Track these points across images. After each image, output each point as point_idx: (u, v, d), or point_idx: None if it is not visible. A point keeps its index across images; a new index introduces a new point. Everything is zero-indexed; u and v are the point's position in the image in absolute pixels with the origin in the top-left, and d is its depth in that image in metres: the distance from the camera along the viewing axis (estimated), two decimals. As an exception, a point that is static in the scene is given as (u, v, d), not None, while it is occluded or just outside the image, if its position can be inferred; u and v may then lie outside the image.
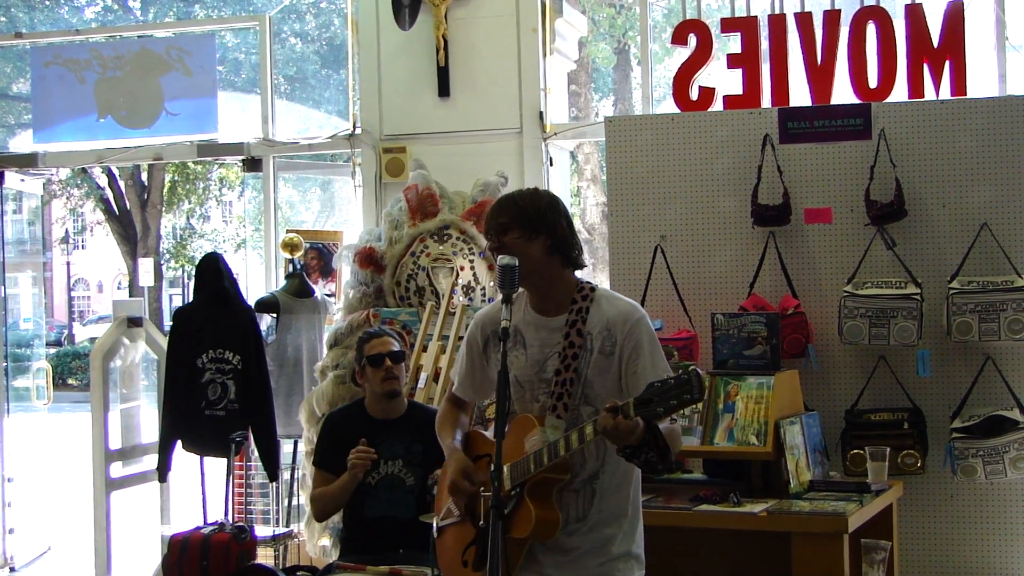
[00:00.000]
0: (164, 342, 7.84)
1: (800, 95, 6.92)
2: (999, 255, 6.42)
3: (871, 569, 5.33)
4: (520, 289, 3.97)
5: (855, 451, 6.28)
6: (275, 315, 8.04)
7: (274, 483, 7.79)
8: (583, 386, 3.93)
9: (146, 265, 24.32)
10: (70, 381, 26.38)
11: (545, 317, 3.99)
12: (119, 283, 39.56)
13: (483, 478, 3.94)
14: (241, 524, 6.88)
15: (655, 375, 3.84)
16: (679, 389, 3.55)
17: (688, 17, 7.32)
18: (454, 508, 4.11)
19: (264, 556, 7.15)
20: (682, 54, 7.17)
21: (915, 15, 6.77)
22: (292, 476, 8.01)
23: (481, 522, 3.88)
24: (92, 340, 25.69)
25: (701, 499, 5.54)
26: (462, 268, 7.46)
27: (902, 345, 6.32)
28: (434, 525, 4.25)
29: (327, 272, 8.71)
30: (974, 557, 6.57)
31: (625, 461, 3.82)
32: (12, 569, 9.26)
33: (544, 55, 8.24)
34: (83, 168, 23.99)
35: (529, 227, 3.95)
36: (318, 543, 7.48)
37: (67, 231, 36.67)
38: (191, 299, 7.64)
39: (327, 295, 8.48)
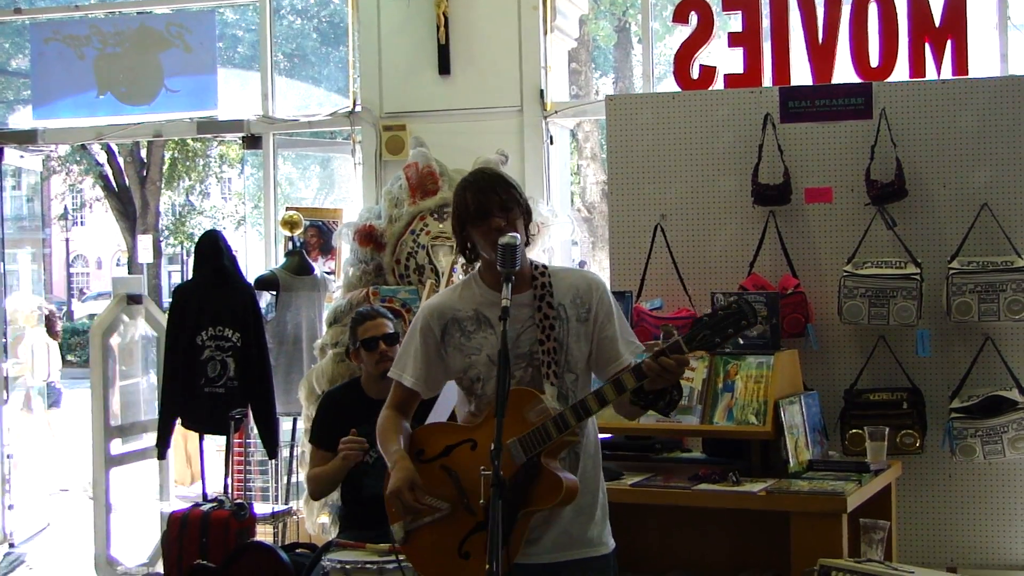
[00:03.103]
0: (164, 319, 7.85)
1: (801, 74, 6.91)
2: (999, 235, 6.42)
3: (869, 548, 5.33)
4: (471, 272, 4.10)
5: (854, 431, 6.29)
6: (275, 293, 8.04)
7: (273, 460, 7.80)
8: (566, 354, 3.99)
9: (145, 242, 24.32)
10: (69, 358, 26.38)
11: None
12: (118, 260, 39.55)
13: (426, 501, 3.95)
14: (240, 501, 6.90)
15: (624, 340, 4.04)
16: (735, 317, 3.71)
17: (689, -5, 7.30)
18: (437, 503, 4.01)
19: (263, 533, 7.18)
20: (683, 32, 7.15)
21: (917, -6, 6.75)
22: (291, 454, 8.02)
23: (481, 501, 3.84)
24: (91, 317, 25.69)
25: (700, 478, 5.54)
26: (462, 246, 7.45)
27: (902, 325, 6.32)
28: (397, 531, 4.09)
29: (327, 250, 8.71)
30: (972, 537, 6.59)
31: (595, 428, 4.06)
32: (11, 545, 9.27)
33: (545, 33, 8.22)
34: (82, 145, 24.01)
35: (522, 206, 4.02)
36: (317, 520, 7.50)
37: (66, 207, 36.65)
38: (190, 276, 7.65)
39: (327, 273, 8.48)
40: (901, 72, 6.76)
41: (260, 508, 7.35)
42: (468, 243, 4.06)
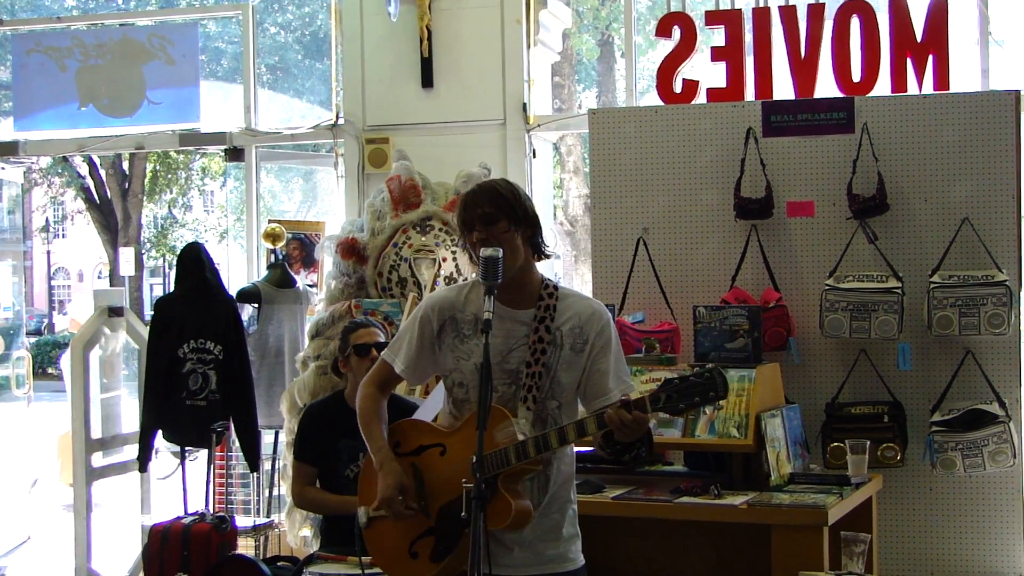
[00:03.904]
0: (145, 332, 7.82)
1: (784, 88, 6.93)
2: (980, 250, 6.44)
3: (850, 561, 5.34)
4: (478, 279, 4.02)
5: (835, 444, 6.30)
6: (257, 305, 8.03)
7: (255, 473, 7.78)
8: (551, 380, 3.96)
9: (127, 255, 24.22)
10: (50, 370, 26.29)
11: (512, 309, 3.99)
12: (100, 272, 39.43)
13: (415, 507, 3.97)
14: (222, 514, 6.89)
15: (616, 376, 3.98)
16: (704, 386, 3.65)
17: (672, 10, 7.34)
18: (419, 511, 4.07)
19: (245, 546, 7.15)
20: (666, 47, 7.17)
21: (899, 9, 6.78)
22: (273, 466, 8.01)
23: (463, 514, 3.84)
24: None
25: (682, 491, 5.54)
26: (444, 259, 7.46)
27: (883, 339, 6.34)
28: (361, 515, 4.14)
29: (309, 262, 8.70)
30: (953, 549, 6.60)
31: (571, 447, 4.01)
32: (-8, 558, 9.25)
33: (528, 46, 8.23)
34: (64, 157, 23.94)
35: (515, 218, 3.97)
36: (299, 533, 7.47)
37: (47, 220, 36.55)
38: (172, 289, 7.62)
39: (309, 286, 8.47)
40: (883, 87, 6.79)
41: (242, 521, 7.33)
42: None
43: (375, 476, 4.14)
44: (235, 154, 9.01)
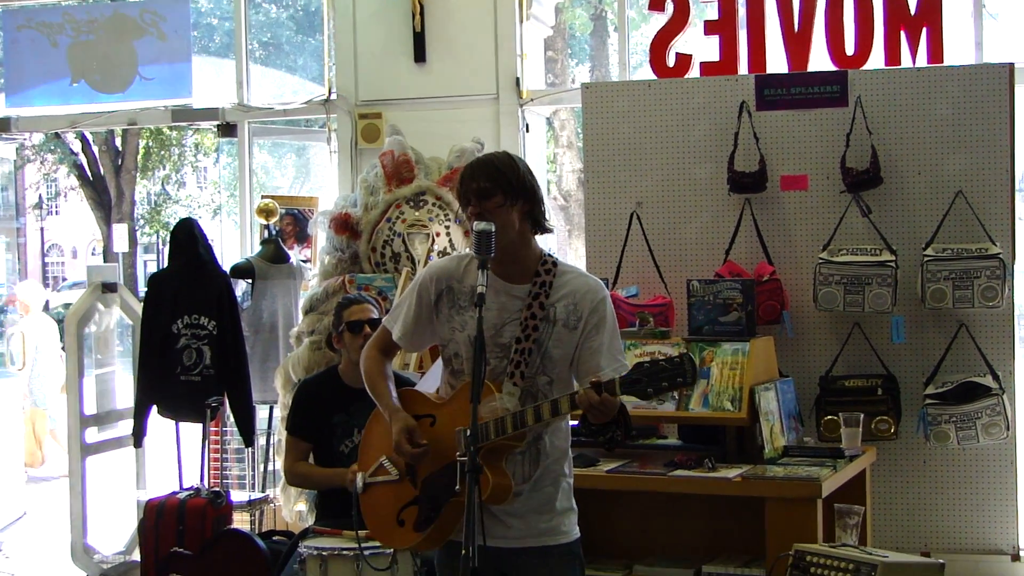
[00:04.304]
0: (139, 308, 7.82)
1: (777, 62, 6.93)
2: (974, 223, 6.45)
3: (844, 534, 5.35)
4: None
5: (829, 417, 6.32)
6: (250, 281, 8.02)
7: (250, 448, 7.79)
8: (542, 356, 3.95)
9: (120, 231, 24.15)
10: (44, 347, 26.24)
11: (507, 283, 3.99)
12: (93, 249, 39.34)
13: (426, 445, 3.96)
14: (217, 489, 6.89)
15: (610, 354, 3.94)
16: (672, 372, 3.61)
17: (665, -17, 7.31)
18: (390, 467, 4.10)
19: (240, 521, 7.17)
20: (659, 20, 7.16)
21: (892, -18, 6.77)
22: (268, 441, 8.01)
23: (457, 487, 3.85)
24: (66, 306, 25.58)
25: (676, 464, 5.55)
26: (438, 234, 7.45)
27: (876, 312, 6.35)
28: (358, 481, 4.20)
29: (302, 238, 8.69)
30: (946, 521, 6.63)
31: (566, 422, 3.98)
32: (-12, 534, 9.26)
33: (521, 21, 8.21)
34: (56, 133, 23.87)
35: (511, 193, 3.95)
36: (294, 508, 7.49)
37: (41, 196, 36.39)
38: (166, 265, 7.61)
39: (302, 261, 8.46)
40: (876, 60, 6.79)
41: (237, 496, 7.33)
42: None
43: (373, 443, 4.17)
44: (228, 130, 8.99)
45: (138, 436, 7.50)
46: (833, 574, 4.81)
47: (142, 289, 22.36)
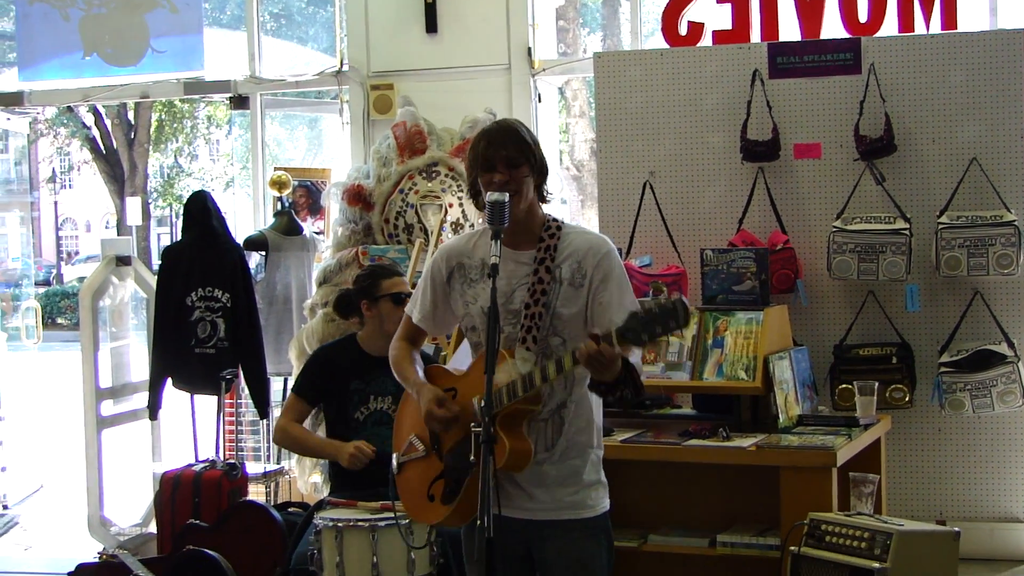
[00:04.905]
0: (153, 280, 7.83)
1: (789, 30, 6.89)
2: (988, 190, 6.42)
3: (859, 502, 5.36)
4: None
5: (843, 386, 6.31)
6: (264, 253, 8.03)
7: (264, 420, 7.81)
8: (552, 318, 3.94)
9: (134, 204, 24.20)
10: (59, 320, 26.36)
11: (514, 250, 3.97)
12: (107, 222, 39.41)
13: (456, 408, 3.96)
14: (232, 461, 6.92)
15: (620, 307, 3.87)
16: (664, 316, 3.55)
17: (677, -49, 7.27)
18: (417, 443, 4.11)
19: (255, 493, 7.19)
20: (671, -11, 7.13)
21: (906, -52, 6.73)
22: (283, 413, 8.03)
23: (472, 457, 3.86)
24: (81, 279, 25.64)
25: (690, 434, 5.56)
26: (451, 205, 7.45)
27: (891, 280, 6.34)
28: (393, 461, 4.21)
29: (315, 210, 8.69)
30: (961, 490, 6.63)
31: (593, 393, 3.90)
32: (5, 507, 9.29)
33: (532, -10, 8.19)
34: (69, 107, 23.91)
35: (534, 163, 3.97)
36: (309, 480, 7.51)
37: (54, 170, 36.47)
38: (180, 238, 7.62)
39: (316, 233, 8.46)
40: (890, 27, 6.75)
41: (252, 468, 7.36)
42: (478, 187, 4.03)
43: (405, 424, 4.18)
44: (240, 102, 8.98)
45: (153, 409, 7.52)
46: (848, 542, 4.82)
47: (156, 262, 22.40)
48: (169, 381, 7.41)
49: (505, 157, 3.93)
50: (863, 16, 6.78)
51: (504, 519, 3.77)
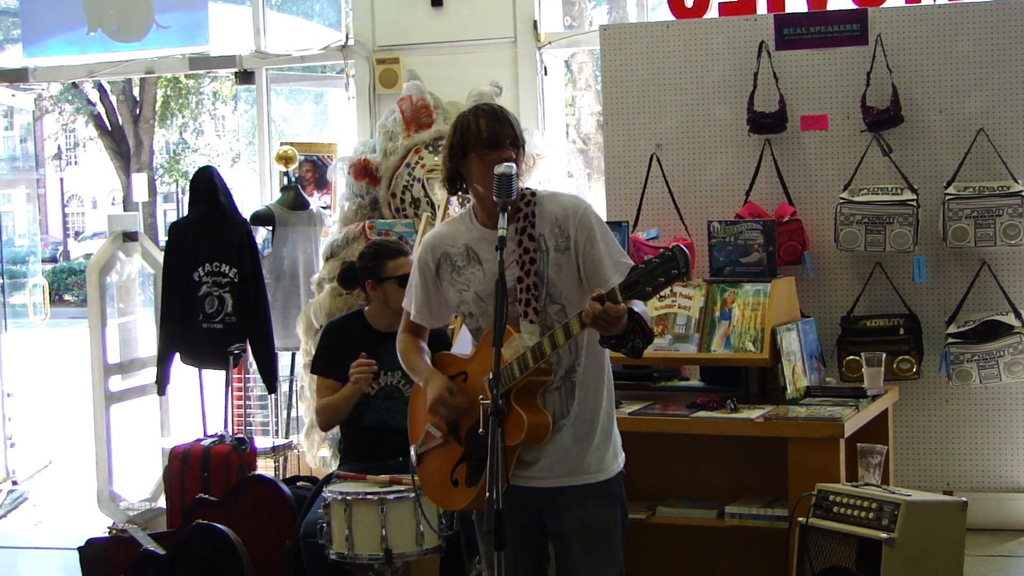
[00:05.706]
0: (160, 256, 7.84)
1: (796, 1, 6.87)
2: (995, 160, 6.42)
3: (867, 473, 5.37)
4: (468, 206, 4.05)
5: (851, 357, 6.32)
6: (271, 228, 8.03)
7: (272, 395, 7.82)
8: (547, 286, 3.95)
9: (140, 180, 24.18)
10: (67, 297, 26.39)
11: (492, 229, 3.97)
12: (113, 199, 39.41)
13: (464, 397, 3.97)
14: (241, 436, 6.93)
15: (612, 261, 3.90)
16: (665, 266, 3.56)
17: (683, -78, 7.25)
18: (434, 431, 4.10)
19: (264, 467, 7.21)
20: (677, -40, 7.11)
21: (912, -82, 6.71)
22: (290, 388, 8.04)
23: (480, 430, 3.86)
24: (87, 256, 25.67)
25: (698, 406, 5.56)
26: (457, 179, 7.43)
27: (898, 251, 6.34)
28: (412, 454, 4.21)
29: (322, 184, 8.68)
30: (969, 460, 6.64)
31: (601, 350, 3.93)
32: (14, 483, 9.33)
33: (537, -37, 8.16)
34: (74, 83, 23.87)
35: (521, 144, 4.02)
36: (317, 453, 7.53)
37: (59, 147, 36.47)
38: (186, 213, 7.62)
39: (322, 207, 8.46)
40: (897, -3, 6.74)
41: (260, 442, 7.37)
42: (458, 171, 4.02)
43: (419, 415, 4.18)
44: (245, 77, 8.97)
45: (161, 384, 7.53)
46: (856, 513, 4.83)
47: (162, 238, 22.40)
48: (177, 356, 7.43)
49: (512, 136, 3.95)
50: (870, -14, 6.77)
51: (515, 489, 3.78)
